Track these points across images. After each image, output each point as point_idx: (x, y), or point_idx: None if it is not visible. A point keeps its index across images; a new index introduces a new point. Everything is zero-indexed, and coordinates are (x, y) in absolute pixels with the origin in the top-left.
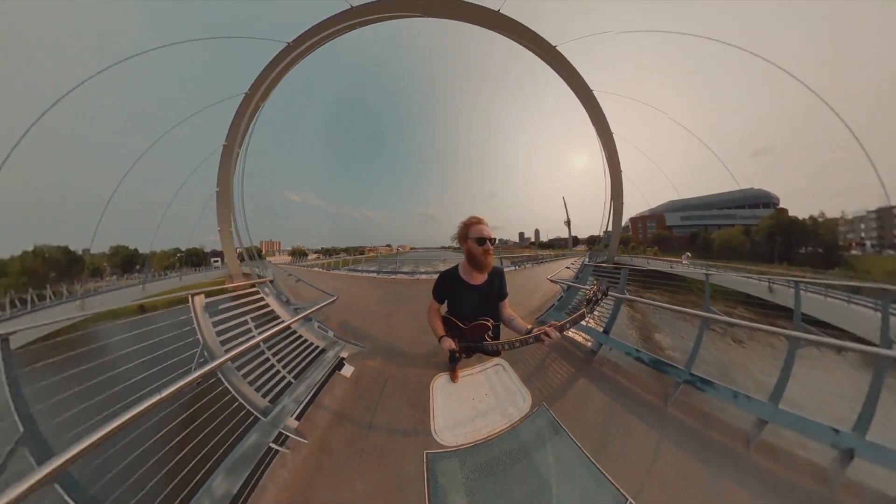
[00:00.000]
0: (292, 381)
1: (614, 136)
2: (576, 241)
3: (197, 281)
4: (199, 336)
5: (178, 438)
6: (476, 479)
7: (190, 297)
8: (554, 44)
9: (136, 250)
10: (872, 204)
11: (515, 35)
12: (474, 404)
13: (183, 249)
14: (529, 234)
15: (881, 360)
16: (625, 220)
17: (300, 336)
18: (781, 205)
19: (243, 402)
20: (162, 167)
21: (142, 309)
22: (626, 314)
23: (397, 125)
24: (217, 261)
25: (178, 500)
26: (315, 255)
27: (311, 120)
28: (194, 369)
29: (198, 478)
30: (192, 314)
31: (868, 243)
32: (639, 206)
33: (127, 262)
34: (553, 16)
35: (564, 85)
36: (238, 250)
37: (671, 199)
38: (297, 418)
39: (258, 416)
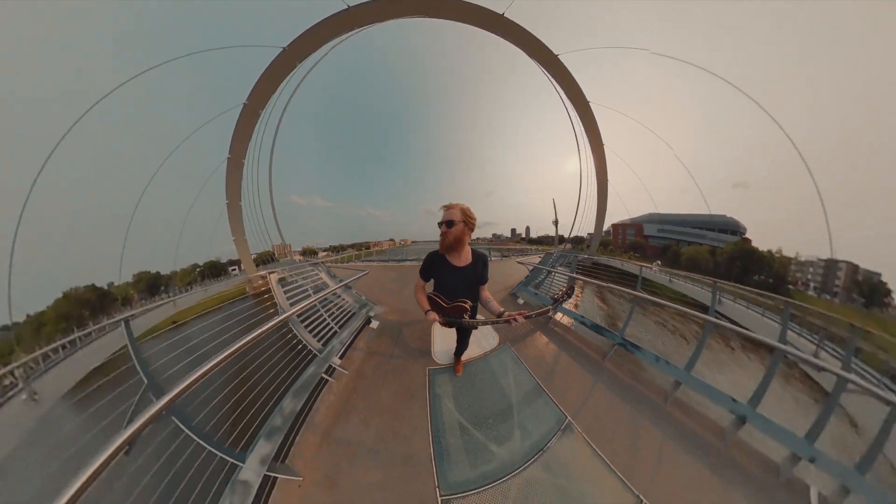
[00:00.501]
0: (337, 329)
1: (605, 147)
2: (562, 239)
3: (220, 290)
4: (276, 300)
5: (261, 371)
6: (460, 387)
7: (268, 274)
8: (556, 52)
9: (157, 273)
10: (824, 254)
11: (518, 40)
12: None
13: (201, 264)
14: (521, 231)
15: (778, 353)
16: (607, 224)
17: (343, 299)
18: (748, 234)
19: (306, 344)
20: (169, 189)
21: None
22: (596, 305)
23: (399, 126)
24: (234, 269)
25: (261, 417)
26: (325, 253)
27: (314, 124)
28: (272, 321)
29: (274, 400)
30: (270, 286)
31: (812, 285)
32: (621, 214)
33: (151, 285)
34: (557, 24)
35: (562, 93)
36: (253, 256)
37: (651, 212)
38: (340, 357)
39: (316, 353)
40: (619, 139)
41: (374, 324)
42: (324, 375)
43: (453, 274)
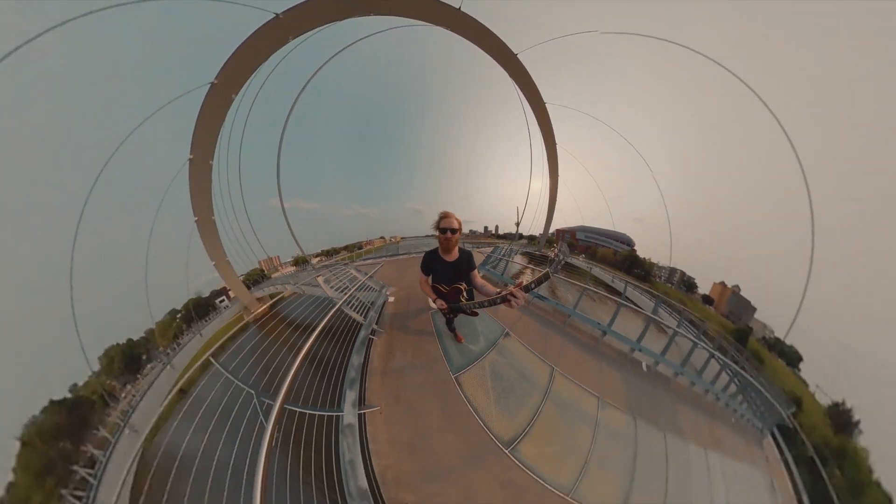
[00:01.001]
0: (370, 305)
1: (558, 147)
2: (521, 236)
3: (215, 328)
4: (325, 293)
5: (332, 342)
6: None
7: (317, 279)
8: (516, 51)
9: (129, 341)
10: (668, 263)
11: (476, 37)
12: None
13: (180, 308)
14: (492, 228)
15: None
16: (560, 225)
17: (369, 286)
18: (636, 247)
19: (354, 318)
20: (112, 215)
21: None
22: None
23: (387, 123)
24: (223, 300)
25: (339, 365)
26: (317, 259)
27: (292, 115)
28: (330, 310)
29: (343, 354)
30: (321, 286)
31: (661, 278)
32: (575, 216)
33: (130, 360)
34: (512, 19)
35: (520, 93)
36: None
37: (581, 224)
38: (376, 323)
39: (361, 322)
40: (580, 141)
41: (391, 298)
42: (370, 336)
43: (447, 267)
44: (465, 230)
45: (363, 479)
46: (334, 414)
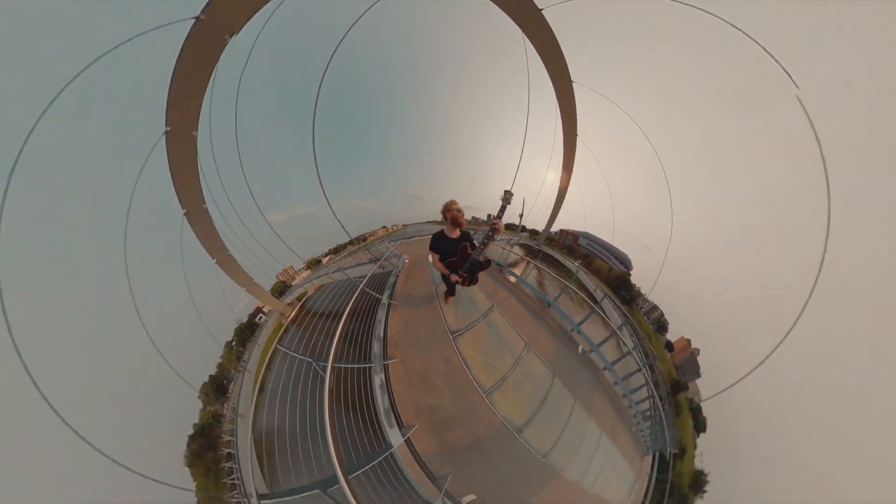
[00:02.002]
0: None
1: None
2: (523, 228)
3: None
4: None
5: (360, 318)
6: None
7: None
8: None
9: (210, 376)
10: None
11: None
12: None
13: (231, 338)
14: (495, 216)
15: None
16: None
17: (396, 254)
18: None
19: (371, 294)
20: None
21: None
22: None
23: (374, 107)
24: (260, 316)
25: (368, 335)
26: (327, 258)
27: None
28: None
29: (370, 326)
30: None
31: (641, 308)
32: (578, 222)
33: (218, 387)
34: None
35: (541, 65)
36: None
37: (586, 230)
38: (391, 296)
39: (384, 296)
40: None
41: (407, 260)
42: (392, 302)
43: (453, 242)
44: (468, 216)
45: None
46: (365, 365)
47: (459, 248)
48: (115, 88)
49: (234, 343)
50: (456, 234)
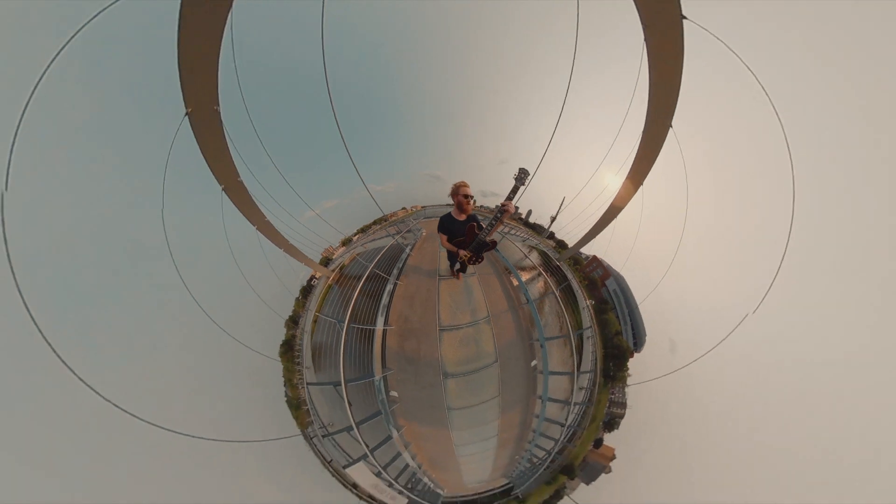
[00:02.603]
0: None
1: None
2: (551, 235)
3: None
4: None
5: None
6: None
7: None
8: None
9: (284, 340)
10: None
11: None
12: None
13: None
14: (524, 211)
15: None
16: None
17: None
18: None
19: (379, 273)
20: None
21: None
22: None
23: (387, 77)
24: (312, 279)
25: (377, 306)
26: (357, 236)
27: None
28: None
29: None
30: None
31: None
32: (619, 254)
33: (288, 346)
34: None
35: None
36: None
37: (622, 274)
38: (400, 274)
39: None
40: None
41: (424, 232)
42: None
43: (461, 224)
44: (491, 203)
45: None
46: (371, 327)
47: (467, 228)
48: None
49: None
50: (463, 216)
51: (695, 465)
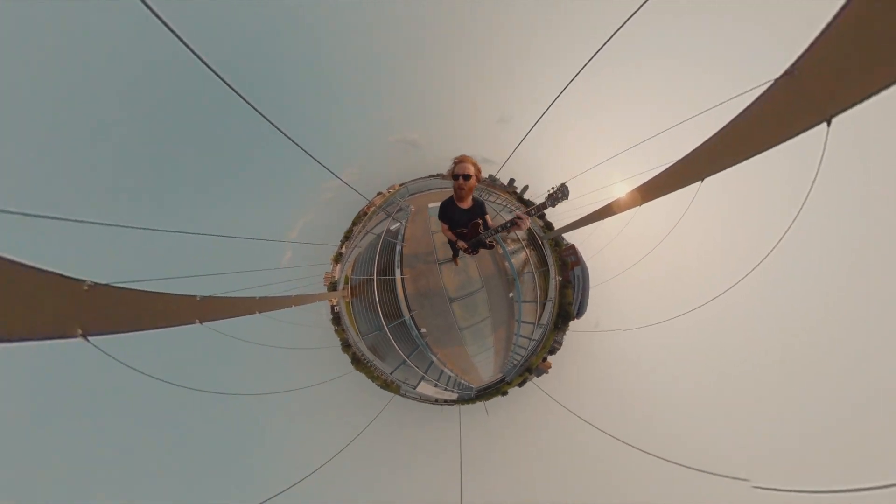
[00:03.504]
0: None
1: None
2: (543, 216)
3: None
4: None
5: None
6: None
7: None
8: None
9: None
10: None
11: None
12: None
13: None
14: (519, 184)
15: None
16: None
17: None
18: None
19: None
20: None
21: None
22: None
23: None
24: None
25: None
26: (343, 246)
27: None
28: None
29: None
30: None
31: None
32: (595, 244)
33: (333, 286)
34: None
35: None
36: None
37: (589, 266)
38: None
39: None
40: None
41: (412, 208)
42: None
43: (463, 214)
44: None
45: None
46: (391, 277)
47: (471, 225)
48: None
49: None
50: (468, 203)
51: (594, 378)
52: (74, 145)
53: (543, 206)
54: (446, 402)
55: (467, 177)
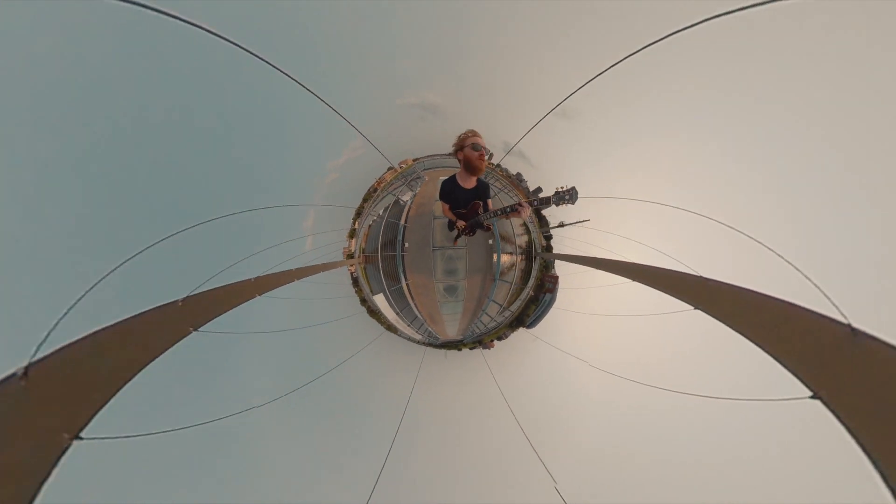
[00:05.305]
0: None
1: None
2: (537, 212)
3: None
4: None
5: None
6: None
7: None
8: None
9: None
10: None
11: None
12: None
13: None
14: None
15: None
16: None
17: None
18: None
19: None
20: None
21: None
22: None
23: None
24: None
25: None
26: (356, 222)
27: None
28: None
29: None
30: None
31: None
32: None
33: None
34: None
35: None
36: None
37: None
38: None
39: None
40: None
41: (427, 178)
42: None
43: (466, 193)
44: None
45: None
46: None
47: (471, 205)
48: None
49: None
50: (472, 183)
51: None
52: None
53: (548, 200)
54: (418, 342)
55: (484, 149)
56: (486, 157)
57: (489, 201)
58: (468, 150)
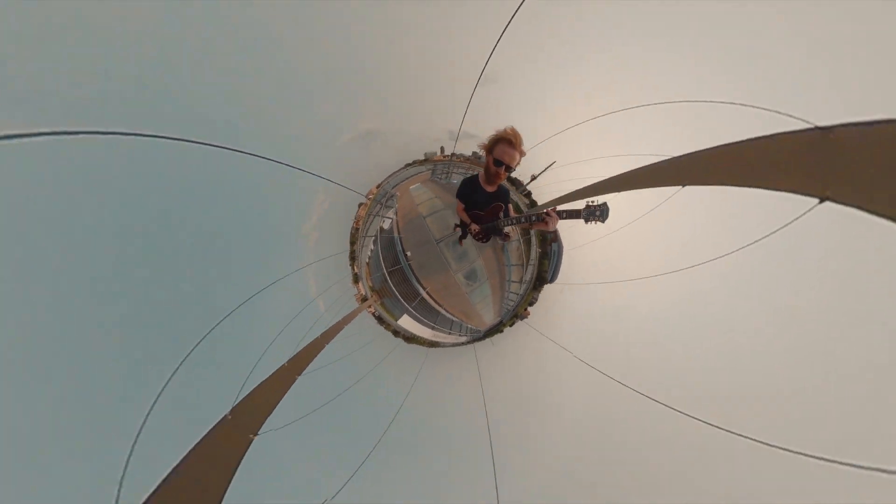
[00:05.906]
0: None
1: None
2: (528, 193)
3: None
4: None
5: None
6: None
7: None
8: None
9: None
10: None
11: None
12: None
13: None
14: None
15: None
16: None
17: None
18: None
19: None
20: None
21: None
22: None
23: None
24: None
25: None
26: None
27: None
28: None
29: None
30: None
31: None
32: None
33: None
34: None
35: None
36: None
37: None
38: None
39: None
40: None
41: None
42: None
43: (487, 197)
44: (468, 150)
45: None
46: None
47: (491, 207)
48: None
49: None
50: (494, 186)
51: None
52: None
53: (577, 213)
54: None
55: (509, 168)
56: (514, 167)
57: (509, 206)
58: (493, 161)
